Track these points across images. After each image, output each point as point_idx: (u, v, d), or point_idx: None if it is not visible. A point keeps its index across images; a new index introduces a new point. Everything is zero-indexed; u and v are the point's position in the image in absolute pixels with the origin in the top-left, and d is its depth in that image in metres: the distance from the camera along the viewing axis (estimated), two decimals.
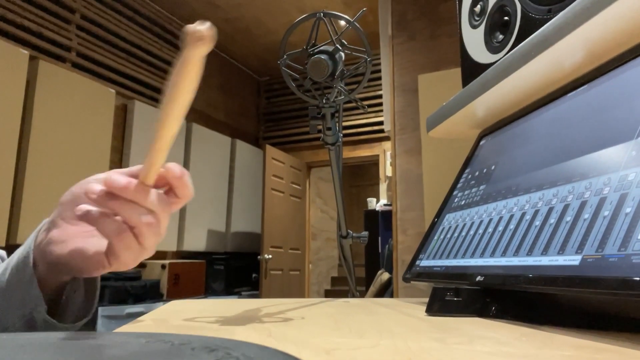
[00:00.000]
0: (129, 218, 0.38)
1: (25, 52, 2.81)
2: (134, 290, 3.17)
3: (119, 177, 0.38)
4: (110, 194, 0.38)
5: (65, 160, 2.97)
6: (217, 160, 4.54)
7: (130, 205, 0.38)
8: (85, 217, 0.39)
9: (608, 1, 0.47)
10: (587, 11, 0.50)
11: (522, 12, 0.68)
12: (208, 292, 4.17)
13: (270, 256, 4.40)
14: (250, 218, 4.90)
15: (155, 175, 0.39)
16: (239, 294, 4.45)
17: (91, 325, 2.62)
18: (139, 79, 3.81)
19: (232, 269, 4.49)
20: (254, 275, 4.70)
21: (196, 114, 4.49)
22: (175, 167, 0.40)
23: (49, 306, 0.43)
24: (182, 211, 4.05)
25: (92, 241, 0.42)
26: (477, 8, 0.82)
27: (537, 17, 0.65)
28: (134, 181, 0.38)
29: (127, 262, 0.40)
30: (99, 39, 3.46)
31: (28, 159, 2.77)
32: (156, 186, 0.40)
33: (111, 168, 3.44)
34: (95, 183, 0.39)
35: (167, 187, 0.41)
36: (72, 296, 0.47)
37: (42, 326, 0.43)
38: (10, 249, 0.48)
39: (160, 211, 0.39)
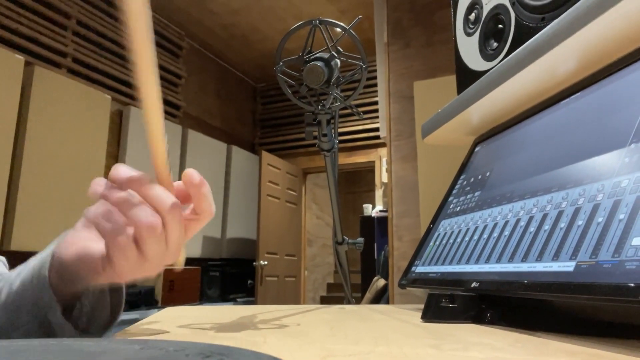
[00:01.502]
0: (129, 215, 0.34)
1: (20, 58, 2.81)
2: (128, 296, 3.13)
3: (124, 168, 0.35)
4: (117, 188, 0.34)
5: (60, 166, 2.96)
6: (213, 166, 4.53)
7: (132, 201, 0.34)
8: (91, 216, 0.36)
9: (600, 10, 0.48)
10: (580, 20, 0.51)
11: (516, 20, 0.69)
12: (203, 298, 4.15)
13: (265, 262, 4.38)
14: (246, 224, 4.89)
15: (166, 169, 0.35)
16: (234, 301, 4.43)
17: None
18: (135, 85, 3.81)
19: (227, 275, 4.47)
20: (249, 281, 4.68)
21: (192, 120, 4.49)
22: (195, 174, 0.37)
23: (65, 314, 0.40)
24: None
25: (93, 244, 0.37)
26: (472, 16, 0.83)
27: (531, 25, 0.65)
28: (141, 174, 0.35)
29: (122, 271, 0.35)
30: (95, 45, 3.46)
31: (23, 164, 2.76)
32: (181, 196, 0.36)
33: (106, 174, 3.43)
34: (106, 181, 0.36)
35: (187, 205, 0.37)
36: (97, 306, 0.43)
37: (59, 330, 0.39)
38: (4, 254, 0.47)
39: (167, 215, 0.35)
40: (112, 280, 0.37)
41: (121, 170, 0.35)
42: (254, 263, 4.36)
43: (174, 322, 0.54)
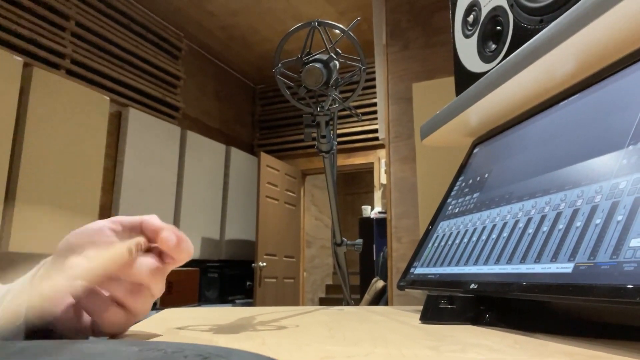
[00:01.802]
0: (114, 294, 0.36)
1: (19, 59, 2.81)
2: None
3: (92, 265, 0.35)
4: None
5: (58, 168, 2.95)
6: (212, 167, 4.53)
7: (113, 281, 0.36)
8: (75, 295, 0.36)
9: (598, 12, 0.48)
10: (578, 22, 0.51)
11: (515, 22, 0.69)
12: (202, 300, 4.14)
13: (264, 264, 4.38)
14: (245, 226, 4.89)
15: (131, 255, 0.36)
16: (233, 302, 4.42)
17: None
18: (134, 87, 3.81)
19: (226, 276, 4.47)
20: (248, 283, 4.67)
21: (191, 122, 4.49)
22: (170, 237, 0.37)
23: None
24: (176, 219, 4.03)
25: (79, 316, 0.39)
26: (470, 18, 0.83)
27: (529, 27, 0.65)
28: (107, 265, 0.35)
29: (114, 332, 0.38)
30: (94, 46, 3.46)
31: (21, 166, 2.76)
32: (150, 240, 0.37)
33: (105, 175, 3.43)
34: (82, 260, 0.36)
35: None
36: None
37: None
38: (2, 256, 0.46)
39: (150, 280, 0.36)
40: (99, 336, 0.39)
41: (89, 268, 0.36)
42: (253, 264, 4.36)
43: (173, 323, 0.54)
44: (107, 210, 3.35)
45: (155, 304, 3.55)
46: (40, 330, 0.39)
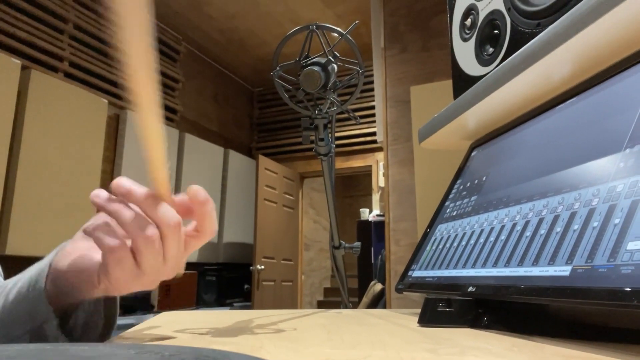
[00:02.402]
0: (127, 227, 0.33)
1: (17, 62, 2.81)
2: (124, 301, 3.13)
3: (126, 180, 0.35)
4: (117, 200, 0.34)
5: (56, 171, 2.95)
6: (210, 170, 4.53)
7: (131, 212, 0.34)
8: (88, 228, 0.35)
9: (595, 16, 0.48)
10: (575, 26, 0.51)
11: (512, 25, 0.69)
12: (199, 303, 4.13)
13: (262, 267, 4.37)
14: (243, 228, 4.89)
15: (166, 184, 0.35)
16: (230, 306, 4.41)
17: None
18: None
19: (224, 280, 4.46)
20: (246, 286, 4.66)
21: (189, 124, 4.49)
22: (200, 191, 0.36)
23: (60, 326, 0.39)
24: None
25: (90, 254, 0.37)
26: (468, 21, 0.83)
27: (527, 30, 0.66)
28: (142, 188, 0.34)
29: (118, 283, 0.35)
30: (92, 49, 3.46)
31: (19, 169, 2.75)
32: (182, 211, 0.36)
33: (103, 178, 3.43)
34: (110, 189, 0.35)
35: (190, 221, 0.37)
36: (91, 320, 0.42)
37: (54, 342, 0.39)
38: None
39: (167, 230, 0.34)
40: (107, 292, 0.37)
41: (122, 182, 0.35)
42: (251, 267, 4.35)
43: (170, 326, 0.54)
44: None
45: (152, 307, 3.54)
46: (57, 291, 0.39)
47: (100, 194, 0.35)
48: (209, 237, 0.38)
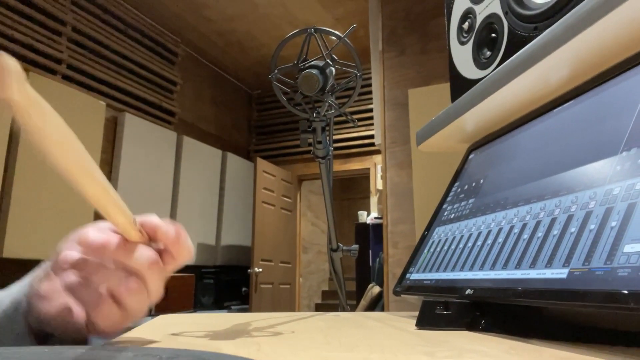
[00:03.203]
0: (109, 283, 0.34)
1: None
2: None
3: (96, 234, 0.34)
4: (88, 254, 0.34)
5: (53, 174, 2.93)
6: (208, 172, 4.53)
7: (108, 269, 0.34)
8: (68, 284, 0.35)
9: (592, 20, 0.48)
10: (572, 29, 0.51)
11: (509, 29, 0.70)
12: (197, 306, 4.12)
13: (260, 269, 4.37)
14: (241, 231, 4.88)
15: (134, 229, 0.34)
16: (228, 308, 4.40)
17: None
18: (130, 92, 3.80)
19: (221, 282, 4.45)
20: (243, 289, 4.66)
21: (187, 127, 4.49)
22: (169, 230, 0.36)
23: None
24: None
25: (74, 309, 0.37)
26: (465, 25, 0.84)
27: (524, 34, 0.66)
28: (115, 237, 0.34)
29: (108, 331, 0.36)
30: (90, 52, 3.46)
31: (16, 172, 2.75)
32: (152, 239, 0.36)
33: None
34: (75, 244, 0.35)
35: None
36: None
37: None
38: None
39: (147, 273, 0.35)
40: (95, 335, 0.37)
41: (91, 236, 0.35)
42: (249, 270, 4.34)
43: (168, 329, 0.54)
44: (102, 216, 3.33)
45: (150, 310, 3.52)
46: (39, 333, 0.38)
47: (68, 260, 0.35)
48: (185, 261, 0.38)
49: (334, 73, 0.67)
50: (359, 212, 4.17)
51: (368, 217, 3.60)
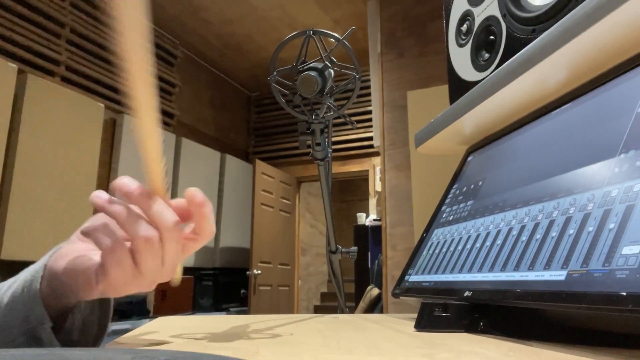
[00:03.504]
0: (127, 228, 0.34)
1: (13, 66, 2.80)
2: (120, 306, 3.12)
3: (129, 180, 0.35)
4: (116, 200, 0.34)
5: (52, 175, 2.94)
6: (207, 174, 4.52)
7: (132, 213, 0.34)
8: (87, 229, 0.35)
9: (589, 22, 0.49)
10: (570, 32, 0.52)
11: (507, 32, 0.70)
12: (196, 308, 4.12)
13: (259, 272, 4.36)
14: (240, 233, 4.87)
15: (162, 182, 0.35)
16: (227, 310, 4.40)
17: None
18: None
19: (220, 284, 4.44)
20: (242, 291, 4.65)
21: (186, 129, 4.49)
22: (198, 193, 0.36)
23: (55, 329, 0.39)
24: None
25: (88, 254, 0.37)
26: (464, 27, 0.84)
27: (522, 37, 0.66)
28: (143, 188, 0.34)
29: (116, 284, 0.35)
30: (89, 53, 3.45)
31: (15, 173, 2.74)
32: (182, 210, 0.36)
33: (99, 183, 3.42)
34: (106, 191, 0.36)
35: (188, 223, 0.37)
36: (88, 320, 0.42)
37: (49, 346, 0.38)
38: None
39: (166, 232, 0.34)
40: (105, 294, 0.37)
41: (125, 182, 0.35)
42: (248, 272, 4.34)
43: (166, 331, 0.54)
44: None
45: (148, 312, 3.52)
46: (52, 293, 0.39)
47: (101, 195, 0.35)
48: (207, 239, 0.38)
49: (332, 75, 0.67)
50: (358, 214, 4.17)
51: (367, 219, 3.60)
